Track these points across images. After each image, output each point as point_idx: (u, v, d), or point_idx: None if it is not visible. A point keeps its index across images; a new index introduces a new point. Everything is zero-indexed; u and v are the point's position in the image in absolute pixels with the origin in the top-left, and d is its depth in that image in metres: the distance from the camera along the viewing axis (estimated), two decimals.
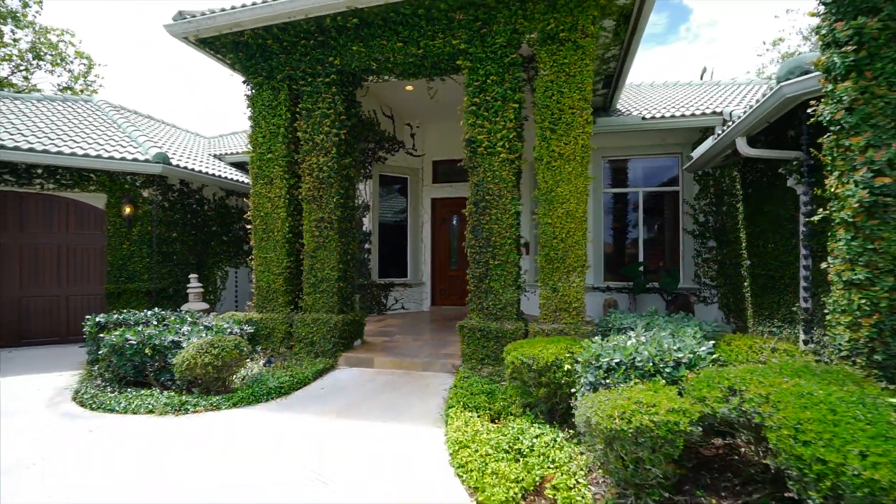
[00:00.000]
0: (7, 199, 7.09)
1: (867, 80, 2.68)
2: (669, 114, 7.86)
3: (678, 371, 2.91)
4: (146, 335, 4.96)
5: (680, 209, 8.46)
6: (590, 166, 5.37)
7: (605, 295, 8.45)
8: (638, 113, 8.25)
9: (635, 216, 8.82)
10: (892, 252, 2.61)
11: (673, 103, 9.02)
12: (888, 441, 1.76)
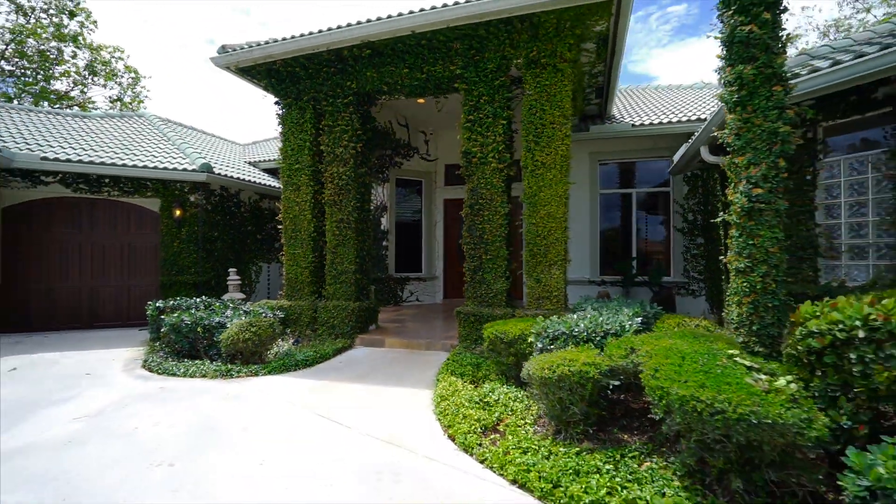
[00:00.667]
0: (82, 205, 8.40)
1: (748, 113, 3.44)
2: (658, 120, 8.55)
3: (605, 339, 3.75)
4: (198, 317, 6.07)
5: (671, 208, 9.11)
6: (570, 173, 6.18)
7: (599, 288, 9.19)
8: (630, 120, 8.96)
9: (630, 215, 9.50)
10: (765, 246, 3.37)
11: (670, 108, 9.66)
12: (706, 375, 2.59)
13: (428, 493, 2.79)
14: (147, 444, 3.49)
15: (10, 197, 7.92)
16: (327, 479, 2.97)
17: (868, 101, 4.62)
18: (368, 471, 3.07)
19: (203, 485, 2.89)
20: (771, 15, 3.41)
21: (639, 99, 11.57)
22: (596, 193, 9.51)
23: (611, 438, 3.31)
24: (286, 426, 3.85)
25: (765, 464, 2.37)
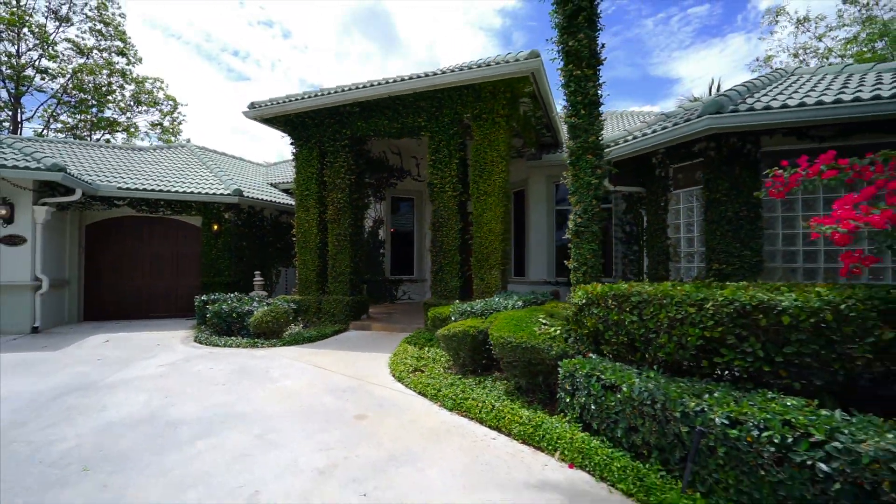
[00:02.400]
0: (143, 222, 10.83)
1: (576, 170, 5.49)
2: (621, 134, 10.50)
3: (489, 315, 5.81)
4: (233, 306, 8.34)
5: (612, 221, 11.05)
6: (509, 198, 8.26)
7: (553, 287, 11.17)
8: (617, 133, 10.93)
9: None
10: (585, 255, 5.40)
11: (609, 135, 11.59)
12: (517, 327, 4.64)
13: (369, 398, 4.92)
14: (206, 377, 5.71)
15: (92, 216, 10.37)
16: (315, 392, 5.12)
17: (691, 153, 6.60)
18: (337, 388, 5.22)
19: (242, 394, 5.08)
20: (587, 111, 5.46)
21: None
22: (552, 209, 11.51)
23: (484, 374, 5.38)
24: (291, 370, 6.03)
25: (537, 372, 4.42)
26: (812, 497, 2.34)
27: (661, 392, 3.06)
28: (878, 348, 2.94)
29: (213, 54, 58.61)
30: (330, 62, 79.75)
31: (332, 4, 69.12)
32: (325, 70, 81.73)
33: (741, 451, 2.58)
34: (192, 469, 3.30)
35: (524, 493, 3.00)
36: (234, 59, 63.56)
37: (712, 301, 3.36)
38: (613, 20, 69.98)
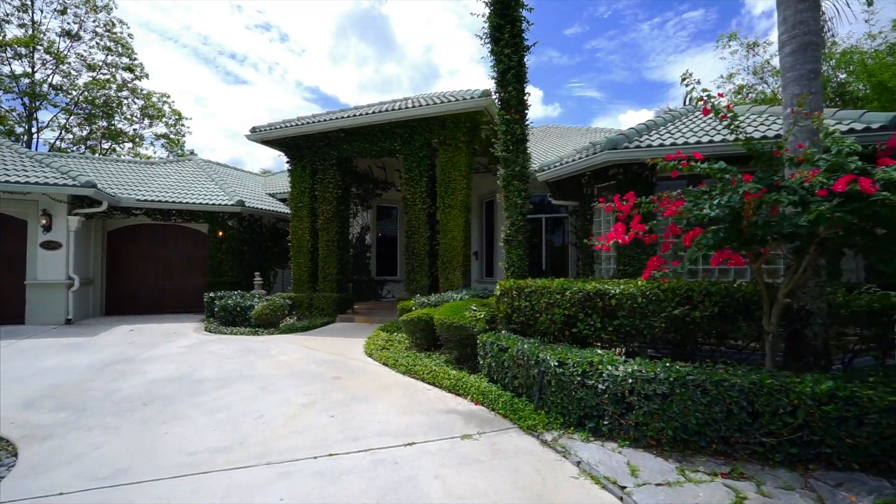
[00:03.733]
0: (157, 229, 12.37)
1: (507, 192, 7.07)
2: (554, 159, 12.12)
3: (441, 305, 7.38)
4: (237, 301, 9.89)
5: (566, 229, 12.65)
6: (470, 210, 9.83)
7: None
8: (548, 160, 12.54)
9: (542, 233, 13.08)
10: (513, 259, 6.99)
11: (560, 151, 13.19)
12: (454, 313, 6.22)
13: (344, 366, 6.48)
14: (219, 354, 7.26)
15: (113, 224, 11.91)
16: (303, 363, 6.68)
17: (607, 177, 8.21)
18: (321, 361, 6.78)
19: (248, 364, 6.63)
20: (514, 147, 7.05)
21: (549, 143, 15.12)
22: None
23: (433, 350, 6.95)
24: (286, 349, 7.59)
25: (466, 345, 5.99)
26: (595, 404, 3.93)
27: (529, 350, 4.64)
28: (668, 319, 4.54)
29: (211, 58, 60.29)
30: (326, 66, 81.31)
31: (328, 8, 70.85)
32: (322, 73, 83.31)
33: (564, 381, 4.15)
34: (217, 403, 4.87)
35: (438, 416, 4.57)
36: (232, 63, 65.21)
37: (570, 291, 4.96)
38: (609, 25, 71.96)
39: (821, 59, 4.55)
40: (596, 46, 77.87)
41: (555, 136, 16.35)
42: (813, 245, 3.63)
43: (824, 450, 3.18)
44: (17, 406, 4.73)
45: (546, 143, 15.50)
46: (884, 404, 3.02)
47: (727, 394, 3.36)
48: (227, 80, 67.53)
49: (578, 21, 77.43)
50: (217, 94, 66.97)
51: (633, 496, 2.99)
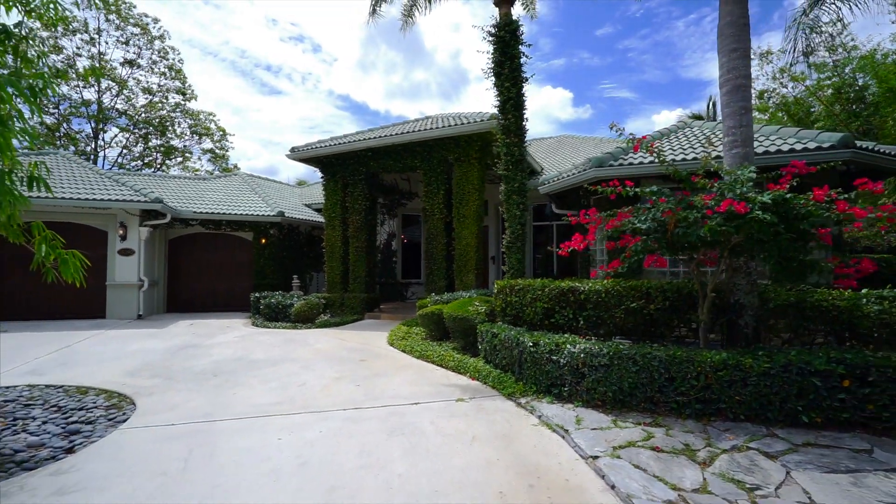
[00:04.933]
0: (209, 237, 14.08)
1: (508, 205, 8.21)
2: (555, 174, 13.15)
3: (452, 302, 8.59)
4: (279, 300, 11.37)
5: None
6: (482, 219, 11.00)
7: None
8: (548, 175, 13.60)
9: (552, 239, 14.09)
10: (513, 262, 8.12)
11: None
12: (461, 308, 7.42)
13: (369, 352, 7.77)
14: (266, 342, 8.69)
15: (173, 233, 13.67)
16: (336, 349, 8.01)
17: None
18: (350, 348, 8.09)
19: (290, 350, 8.01)
20: (514, 167, 8.19)
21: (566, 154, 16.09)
22: (530, 226, 14.17)
23: (444, 340, 8.15)
24: (321, 339, 8.95)
25: (469, 334, 7.17)
26: (558, 374, 5.04)
27: (513, 335, 5.78)
28: (626, 311, 5.61)
29: (248, 70, 63.69)
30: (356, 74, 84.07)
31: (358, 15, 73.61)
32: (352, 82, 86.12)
33: (536, 358, 5.28)
34: (269, 376, 6.22)
35: (441, 387, 5.76)
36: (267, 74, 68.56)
37: (549, 288, 6.08)
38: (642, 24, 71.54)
39: (750, 98, 5.50)
40: (628, 46, 77.34)
41: (569, 147, 17.32)
42: (726, 250, 4.66)
43: (721, 405, 4.22)
44: (124, 374, 6.23)
45: (560, 154, 16.50)
46: (760, 370, 4.04)
47: (650, 364, 4.43)
48: (263, 90, 71.00)
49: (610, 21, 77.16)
50: (253, 105, 70.53)
51: (571, 435, 4.11)
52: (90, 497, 3.13)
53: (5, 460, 3.62)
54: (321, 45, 76.90)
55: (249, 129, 68.71)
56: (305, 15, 70.60)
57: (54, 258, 3.98)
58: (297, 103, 79.50)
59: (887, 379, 3.84)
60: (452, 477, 3.38)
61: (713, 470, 3.40)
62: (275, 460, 3.67)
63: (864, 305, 4.74)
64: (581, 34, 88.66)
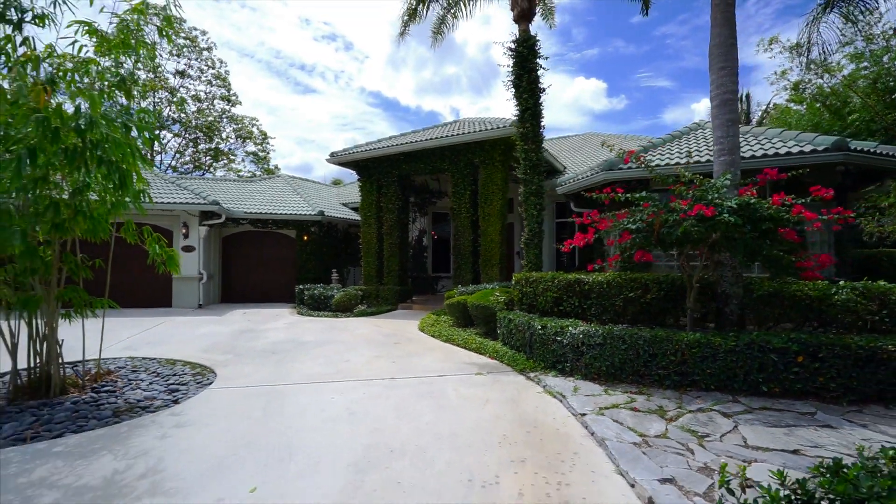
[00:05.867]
0: (256, 235, 15.49)
1: (527, 206, 9.06)
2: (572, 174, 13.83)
3: (475, 293, 9.52)
4: (321, 291, 12.59)
5: None
6: (505, 217, 11.87)
7: None
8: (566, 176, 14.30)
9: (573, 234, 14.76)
10: (531, 258, 8.98)
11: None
12: (483, 297, 8.36)
13: (402, 336, 8.82)
14: (312, 328, 9.87)
15: (226, 231, 15.14)
16: (373, 334, 9.09)
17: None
18: (385, 334, 9.16)
19: (333, 335, 9.15)
20: (532, 171, 9.02)
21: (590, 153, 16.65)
22: (552, 222, 14.92)
23: (468, 327, 9.10)
24: (360, 326, 10.07)
25: (489, 320, 8.09)
26: (562, 353, 5.91)
27: (525, 320, 6.68)
28: (625, 300, 6.41)
29: (283, 70, 66.07)
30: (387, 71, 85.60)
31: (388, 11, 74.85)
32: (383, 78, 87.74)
33: (544, 338, 6.16)
34: (318, 354, 7.34)
35: (463, 364, 6.73)
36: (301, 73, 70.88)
37: (558, 279, 6.94)
38: (680, 8, 69.73)
39: (737, 111, 6.17)
40: (666, 32, 75.31)
41: (593, 145, 17.87)
42: (706, 247, 5.42)
43: (695, 377, 5.01)
44: (200, 351, 7.49)
45: (584, 151, 17.10)
46: (728, 347, 4.82)
47: (637, 342, 5.26)
48: (297, 90, 73.42)
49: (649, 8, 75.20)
50: (288, 104, 73.09)
51: (567, 400, 4.99)
52: (199, 429, 4.26)
53: (133, 406, 4.83)
54: (353, 42, 78.86)
55: (284, 127, 71.37)
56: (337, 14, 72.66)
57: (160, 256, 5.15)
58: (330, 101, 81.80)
59: (834, 355, 4.55)
60: (467, 425, 4.35)
61: (676, 424, 4.24)
62: (330, 411, 4.73)
63: (832, 295, 5.39)
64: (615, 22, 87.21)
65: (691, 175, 5.75)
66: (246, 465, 3.56)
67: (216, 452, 3.78)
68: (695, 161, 8.23)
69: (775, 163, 7.55)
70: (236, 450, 3.83)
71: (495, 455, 3.71)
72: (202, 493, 3.15)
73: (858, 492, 2.00)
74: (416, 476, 3.36)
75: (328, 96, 79.98)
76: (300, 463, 3.58)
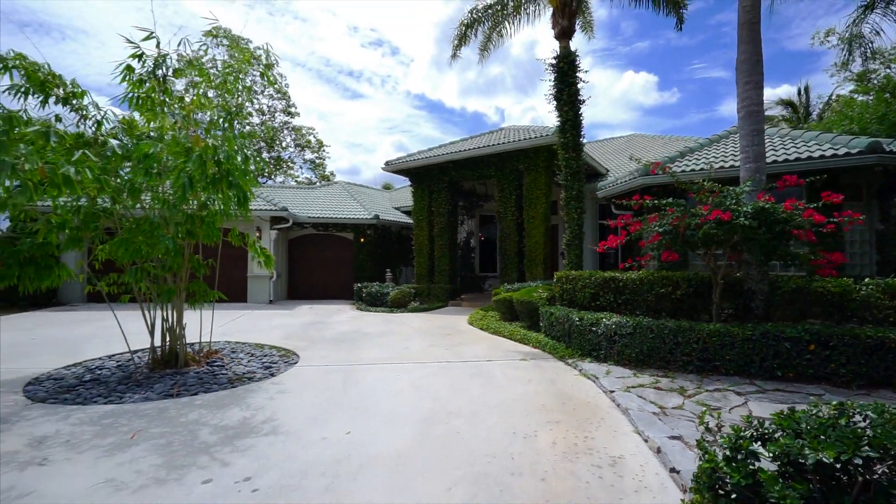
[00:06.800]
0: (317, 238, 16.95)
1: (568, 210, 9.78)
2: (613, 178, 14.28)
3: (519, 290, 10.32)
4: (377, 289, 13.77)
5: None
6: (549, 219, 12.60)
7: None
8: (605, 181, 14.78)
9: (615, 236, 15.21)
10: (572, 258, 9.69)
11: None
12: (527, 294, 9.17)
13: (453, 329, 9.77)
14: (371, 321, 11.01)
15: (292, 234, 16.69)
16: (427, 327, 10.10)
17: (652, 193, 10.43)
18: (438, 326, 10.15)
19: (391, 327, 10.23)
20: (572, 178, 9.74)
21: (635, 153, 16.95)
22: (596, 223, 15.43)
23: (513, 320, 9.92)
24: (414, 320, 11.11)
25: (533, 315, 8.89)
26: (597, 341, 6.65)
27: (564, 313, 7.45)
28: (656, 296, 7.06)
29: (332, 77, 68.98)
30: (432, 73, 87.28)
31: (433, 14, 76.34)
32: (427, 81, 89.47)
33: (581, 329, 6.91)
34: (380, 343, 8.41)
35: (508, 353, 7.58)
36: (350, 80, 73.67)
37: (594, 277, 7.66)
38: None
39: (762, 121, 6.65)
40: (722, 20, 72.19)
41: (637, 147, 18.16)
42: (727, 247, 6.01)
43: (716, 363, 5.63)
44: (280, 338, 8.76)
45: (627, 154, 17.43)
46: (744, 335, 5.42)
47: (663, 332, 5.93)
48: (346, 95, 76.35)
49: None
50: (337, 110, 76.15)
51: (600, 380, 5.76)
52: (296, 394, 5.37)
53: (240, 377, 6.04)
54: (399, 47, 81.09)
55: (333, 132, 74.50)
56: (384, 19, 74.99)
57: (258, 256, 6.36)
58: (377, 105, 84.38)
59: (844, 344, 5.07)
60: (512, 397, 5.22)
61: (693, 400, 4.93)
62: (396, 385, 5.74)
63: (853, 291, 5.85)
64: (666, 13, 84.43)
65: (710, 184, 6.34)
66: (338, 418, 4.60)
67: (313, 410, 4.86)
68: (729, 166, 8.67)
69: (809, 166, 7.91)
70: (328, 408, 4.90)
71: (534, 418, 4.57)
72: (310, 433, 4.21)
73: (799, 426, 2.74)
74: (471, 429, 4.28)
75: (375, 100, 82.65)
76: (380, 418, 4.59)
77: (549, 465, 3.55)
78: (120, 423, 4.48)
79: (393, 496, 3.11)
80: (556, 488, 3.21)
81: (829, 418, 2.78)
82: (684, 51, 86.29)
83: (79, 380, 5.93)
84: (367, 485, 3.27)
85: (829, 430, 2.62)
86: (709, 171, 7.02)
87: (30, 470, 3.51)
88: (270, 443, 4.00)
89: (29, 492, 3.19)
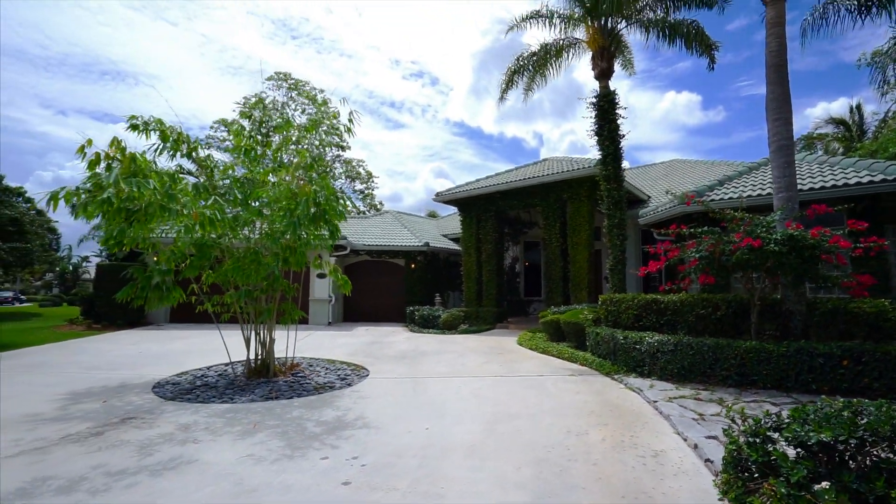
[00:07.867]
0: (372, 264, 18.14)
1: (611, 237, 10.41)
2: (654, 206, 14.71)
3: (565, 312, 10.94)
4: (430, 311, 14.68)
5: None
6: (592, 245, 13.22)
7: None
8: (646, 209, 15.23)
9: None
10: (616, 282, 10.26)
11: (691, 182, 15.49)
12: (573, 315, 9.81)
13: (503, 349, 10.49)
14: (425, 341, 11.87)
15: (348, 260, 17.97)
16: (478, 347, 10.87)
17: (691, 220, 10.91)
18: (488, 346, 10.89)
19: (445, 347, 11.04)
20: (614, 207, 10.41)
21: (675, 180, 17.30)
22: (639, 248, 15.84)
23: (560, 341, 10.54)
24: (466, 341, 11.89)
25: (580, 335, 9.50)
26: (640, 358, 7.23)
27: (609, 333, 8.06)
28: (696, 316, 7.59)
29: (375, 108, 72.26)
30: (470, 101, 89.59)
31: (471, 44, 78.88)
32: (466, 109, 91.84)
33: (626, 347, 7.51)
34: (438, 360, 9.24)
35: (558, 369, 8.23)
36: (392, 110, 76.85)
37: (637, 299, 8.26)
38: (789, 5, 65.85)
39: (793, 154, 7.17)
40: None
41: (677, 173, 18.51)
42: (762, 270, 6.54)
43: (753, 378, 6.12)
44: (347, 355, 9.76)
45: (668, 180, 17.81)
46: (779, 352, 5.91)
47: (702, 349, 6.48)
48: (388, 125, 79.78)
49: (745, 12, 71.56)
50: (379, 139, 79.45)
51: (644, 392, 6.35)
52: (375, 399, 6.27)
53: (322, 386, 7.02)
54: (438, 77, 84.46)
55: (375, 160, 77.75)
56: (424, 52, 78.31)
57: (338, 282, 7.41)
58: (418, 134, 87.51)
59: (875, 360, 5.49)
60: (564, 404, 5.92)
61: (731, 409, 5.45)
62: (460, 393, 6.54)
63: (888, 311, 6.22)
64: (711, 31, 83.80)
65: (741, 214, 6.91)
66: (414, 418, 5.45)
67: (393, 410, 5.73)
68: (767, 193, 9.13)
69: (844, 192, 8.29)
70: (405, 410, 5.76)
71: (585, 420, 5.25)
72: (395, 427, 5.07)
73: (807, 418, 3.36)
74: (530, 428, 5.02)
75: (415, 129, 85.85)
76: (450, 418, 5.40)
77: (599, 454, 4.25)
78: (239, 417, 5.51)
79: (474, 472, 3.90)
80: (607, 470, 3.91)
81: (835, 411, 3.39)
82: (729, 69, 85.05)
83: (192, 385, 7.08)
84: (452, 463, 4.08)
85: (833, 419, 3.24)
86: (739, 201, 7.55)
87: (188, 445, 4.54)
88: (365, 434, 4.89)
89: (194, 460, 4.19)
